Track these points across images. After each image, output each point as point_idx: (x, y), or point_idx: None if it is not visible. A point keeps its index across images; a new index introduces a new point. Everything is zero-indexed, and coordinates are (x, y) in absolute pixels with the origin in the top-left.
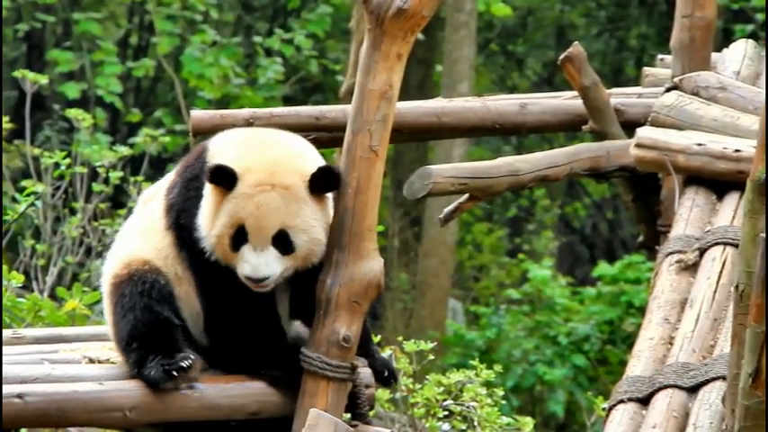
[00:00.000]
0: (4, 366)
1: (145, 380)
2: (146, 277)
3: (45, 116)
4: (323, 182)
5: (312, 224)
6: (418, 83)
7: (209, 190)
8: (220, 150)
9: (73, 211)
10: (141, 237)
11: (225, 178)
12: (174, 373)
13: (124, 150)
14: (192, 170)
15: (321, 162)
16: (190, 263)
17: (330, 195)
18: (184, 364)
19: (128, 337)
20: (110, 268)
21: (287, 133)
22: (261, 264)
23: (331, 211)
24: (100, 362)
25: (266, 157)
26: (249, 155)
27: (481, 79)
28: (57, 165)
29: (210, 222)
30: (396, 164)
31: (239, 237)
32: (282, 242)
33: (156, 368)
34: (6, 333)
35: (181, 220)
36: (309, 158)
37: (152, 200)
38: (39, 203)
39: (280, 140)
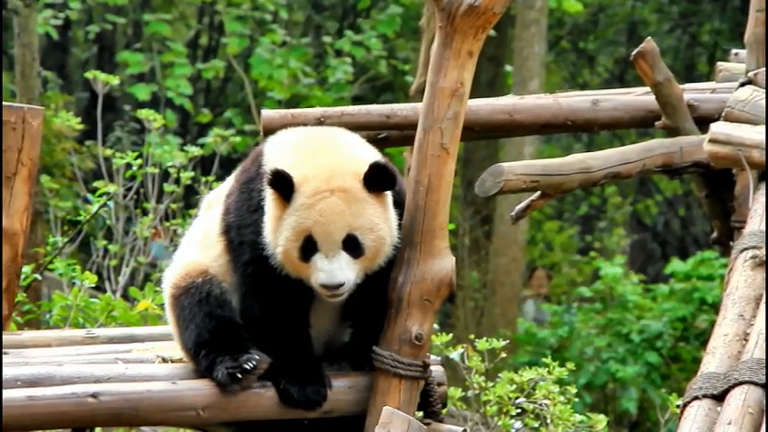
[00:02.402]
0: (79, 366)
1: (217, 383)
2: (202, 288)
3: (116, 117)
4: (377, 178)
5: (376, 222)
6: (489, 81)
7: (270, 201)
8: (276, 155)
9: (145, 212)
10: (200, 244)
11: (283, 185)
12: (239, 375)
13: (195, 151)
14: (248, 174)
15: (376, 159)
16: (234, 266)
17: (389, 192)
18: (248, 365)
19: (194, 347)
20: (170, 277)
21: (340, 132)
22: (335, 269)
23: (392, 207)
24: (173, 361)
25: (321, 162)
26: (304, 161)
27: (552, 77)
28: (128, 165)
29: (275, 237)
30: (466, 162)
31: (308, 247)
32: (352, 245)
33: (221, 371)
34: (80, 333)
35: (234, 223)
36: (363, 158)
37: (213, 206)
38: (111, 204)
39: (333, 142)
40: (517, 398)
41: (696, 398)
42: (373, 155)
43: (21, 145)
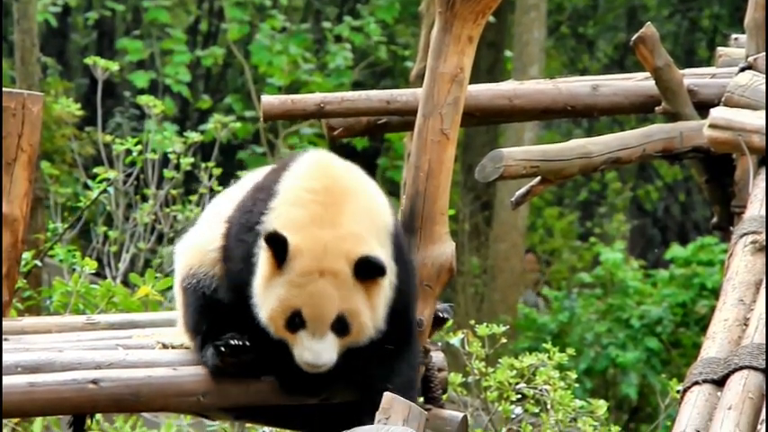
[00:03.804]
0: (79, 352)
1: (204, 365)
2: (203, 271)
3: (116, 104)
4: (366, 270)
5: (361, 308)
6: (488, 66)
7: (262, 255)
8: (287, 198)
9: (145, 198)
10: (206, 238)
11: (278, 248)
12: (223, 349)
13: (194, 137)
14: (263, 191)
15: (376, 239)
16: (226, 279)
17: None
18: (234, 342)
19: (190, 329)
20: (180, 263)
21: (357, 190)
22: (321, 351)
23: (382, 291)
24: (173, 347)
25: (318, 235)
26: (304, 226)
27: (552, 62)
28: (128, 151)
29: (262, 298)
30: (466, 148)
31: (295, 322)
32: (340, 326)
33: (209, 350)
34: (80, 319)
35: (233, 234)
36: (360, 235)
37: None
38: (111, 190)
39: (341, 207)
40: (517, 383)
41: (696, 383)
42: (376, 232)
43: (21, 131)
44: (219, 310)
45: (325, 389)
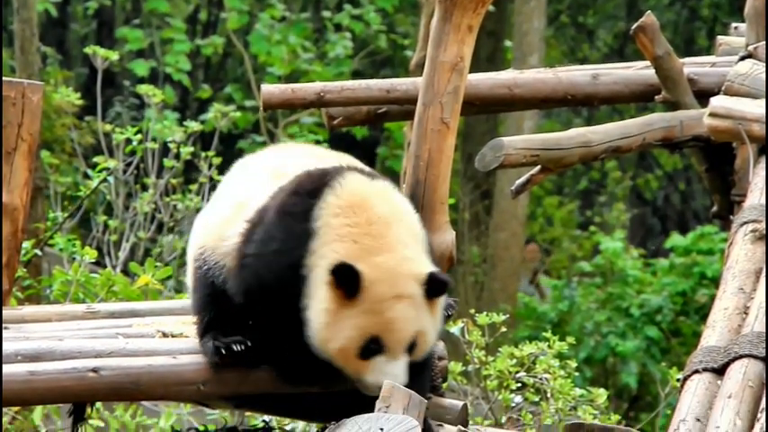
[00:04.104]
0: (79, 341)
1: (203, 352)
2: (214, 260)
3: (115, 93)
4: (435, 289)
5: (428, 327)
6: (488, 56)
7: (325, 291)
8: (330, 237)
9: (144, 187)
10: (225, 222)
11: (349, 281)
12: (224, 351)
13: (194, 126)
14: (295, 206)
15: (425, 257)
16: (244, 291)
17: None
18: (236, 347)
19: (196, 310)
20: (195, 238)
21: (397, 212)
22: (399, 374)
23: (440, 306)
24: (173, 336)
25: (383, 262)
26: (364, 258)
27: (552, 51)
28: (128, 141)
29: (332, 330)
30: (466, 137)
31: (371, 348)
32: (411, 346)
33: (209, 343)
34: (80, 307)
35: (257, 236)
36: (417, 260)
37: (251, 180)
38: (111, 179)
39: (390, 233)
40: (517, 372)
41: (696, 371)
42: (422, 249)
43: (21, 120)
44: (225, 302)
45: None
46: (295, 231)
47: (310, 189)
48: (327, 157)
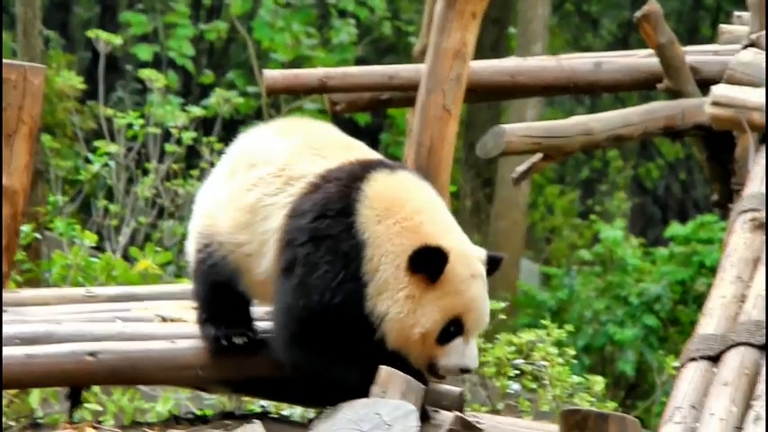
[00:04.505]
0: (78, 324)
1: (202, 336)
2: (217, 253)
3: (118, 77)
4: (493, 267)
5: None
6: (492, 43)
7: (404, 279)
8: (383, 239)
9: (146, 172)
10: (237, 220)
11: (434, 264)
12: (224, 342)
13: (197, 111)
14: (329, 227)
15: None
16: (293, 310)
17: None
18: (237, 341)
19: (196, 296)
20: (198, 233)
21: (433, 199)
22: (475, 355)
23: None
24: (172, 320)
25: (451, 246)
26: (432, 240)
27: (555, 40)
28: (130, 125)
29: (413, 318)
30: (469, 125)
31: (450, 330)
32: None
33: (211, 331)
34: (79, 291)
35: (300, 272)
36: (467, 240)
37: (266, 180)
38: (112, 164)
39: (438, 220)
40: (515, 359)
41: (693, 359)
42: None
43: (21, 103)
44: (228, 294)
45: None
46: (341, 250)
47: (340, 208)
48: (331, 150)
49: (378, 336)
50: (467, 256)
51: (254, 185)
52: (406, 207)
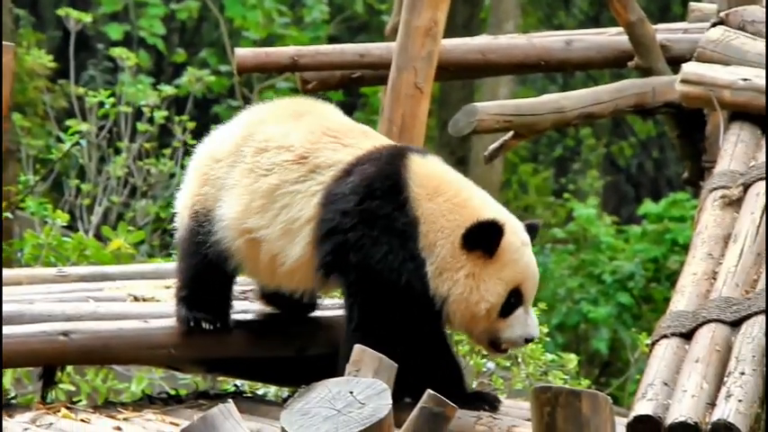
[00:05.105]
0: (50, 304)
1: (175, 313)
2: (218, 233)
3: (89, 56)
4: (534, 235)
5: None
6: (464, 21)
7: (459, 256)
8: (434, 216)
9: (118, 151)
10: (246, 209)
11: (490, 238)
12: (192, 324)
13: (169, 90)
14: (379, 207)
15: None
16: (358, 298)
17: None
18: (205, 325)
19: (178, 276)
20: (192, 205)
21: (457, 173)
22: (536, 323)
23: None
24: (145, 300)
25: (501, 215)
26: (483, 214)
27: (528, 18)
28: (101, 104)
29: (477, 294)
30: (442, 104)
31: (511, 302)
32: None
33: (185, 311)
34: (51, 271)
35: (352, 256)
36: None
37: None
38: (83, 143)
39: (475, 195)
40: None
41: (665, 336)
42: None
43: None
44: (212, 277)
45: None
46: (397, 228)
47: (389, 186)
48: (351, 136)
49: (442, 317)
50: (516, 225)
51: (269, 170)
52: (452, 185)
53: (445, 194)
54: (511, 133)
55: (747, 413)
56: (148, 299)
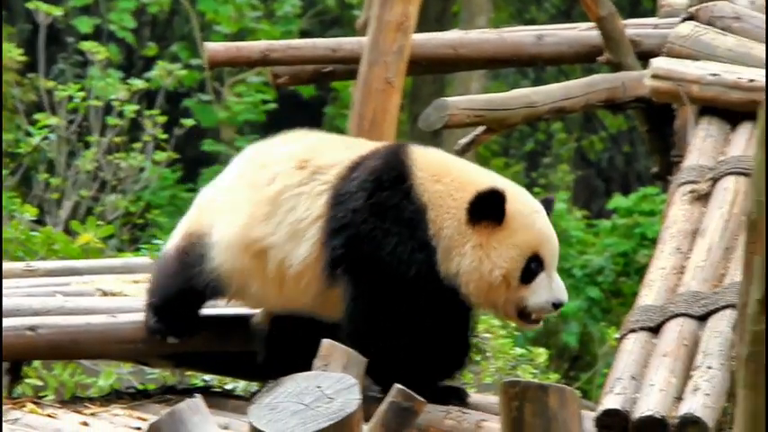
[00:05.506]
0: (17, 299)
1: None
2: (195, 251)
3: (59, 50)
4: (550, 207)
5: None
6: (436, 16)
7: (465, 229)
8: (440, 197)
9: (87, 145)
10: (254, 217)
11: (495, 206)
12: (159, 337)
13: (139, 84)
14: (388, 198)
15: None
16: (356, 282)
17: None
18: (171, 340)
19: (155, 288)
20: (192, 227)
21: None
22: (563, 286)
23: None
24: (113, 294)
25: (504, 186)
26: (491, 181)
27: (500, 13)
28: (71, 98)
29: (488, 263)
30: (413, 99)
31: (531, 267)
32: None
33: (152, 320)
34: (19, 265)
35: (364, 248)
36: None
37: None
38: (53, 137)
39: (472, 169)
40: None
41: (633, 330)
42: None
43: None
44: (190, 300)
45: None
46: (405, 218)
47: (395, 176)
48: (349, 142)
49: (461, 297)
50: (523, 193)
51: (271, 180)
52: (455, 166)
53: (451, 174)
54: (482, 128)
55: (714, 407)
56: (117, 293)
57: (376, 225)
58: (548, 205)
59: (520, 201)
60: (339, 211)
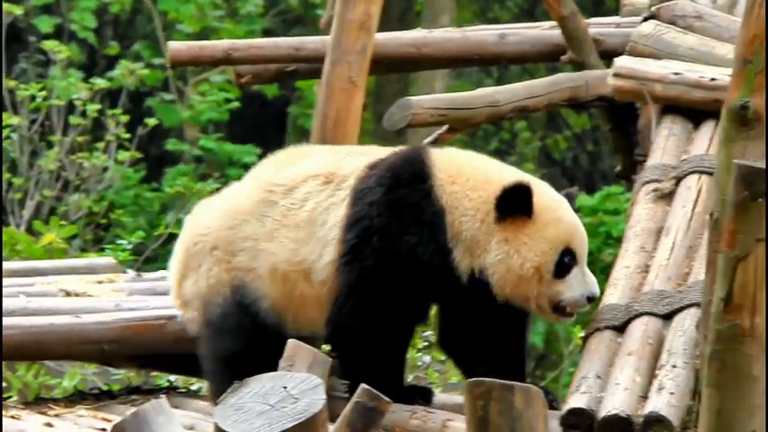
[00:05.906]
0: None
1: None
2: (251, 294)
3: (21, 49)
4: (573, 202)
5: None
6: (399, 14)
7: (492, 226)
8: (457, 199)
9: (50, 145)
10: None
11: (521, 201)
12: None
13: (101, 83)
14: (406, 196)
15: None
16: (368, 281)
17: None
18: None
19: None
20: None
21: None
22: (595, 280)
23: None
24: (77, 295)
25: (526, 180)
26: (512, 175)
27: (463, 12)
28: (33, 97)
29: (519, 257)
30: (377, 97)
31: (565, 261)
32: None
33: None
34: None
35: (379, 243)
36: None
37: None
38: (15, 136)
39: (492, 163)
40: (425, 331)
41: (598, 329)
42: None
43: None
44: (262, 348)
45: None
46: (425, 219)
47: (413, 174)
48: (364, 150)
49: (491, 291)
50: (547, 188)
51: (304, 201)
52: (472, 165)
53: (466, 174)
54: (445, 127)
55: (679, 405)
56: (80, 294)
57: (391, 220)
58: (570, 198)
59: (546, 194)
60: (357, 207)
